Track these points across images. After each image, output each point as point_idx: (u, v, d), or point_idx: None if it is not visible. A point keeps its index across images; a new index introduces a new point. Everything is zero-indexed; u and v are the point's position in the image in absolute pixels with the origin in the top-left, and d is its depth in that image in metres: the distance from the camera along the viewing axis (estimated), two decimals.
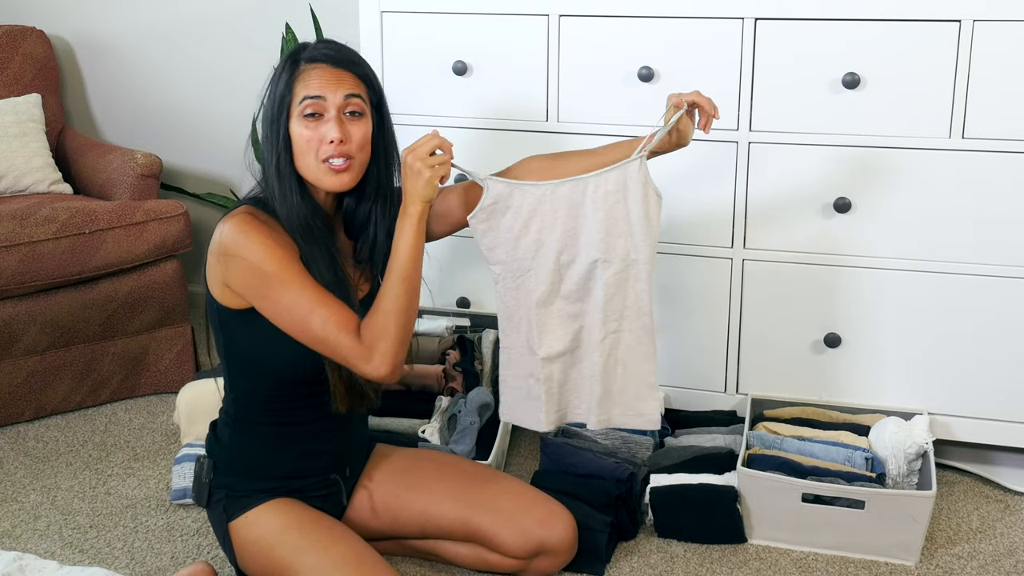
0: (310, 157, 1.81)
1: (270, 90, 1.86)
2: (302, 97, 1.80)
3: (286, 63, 1.84)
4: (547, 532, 1.99)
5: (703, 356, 2.50)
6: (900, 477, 2.20)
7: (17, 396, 2.75)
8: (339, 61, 1.83)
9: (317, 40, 1.90)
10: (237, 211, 1.84)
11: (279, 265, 1.76)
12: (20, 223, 2.68)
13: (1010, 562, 2.13)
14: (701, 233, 2.43)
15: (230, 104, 3.42)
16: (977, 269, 2.27)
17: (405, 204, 1.82)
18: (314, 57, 1.83)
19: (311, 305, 1.76)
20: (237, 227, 1.78)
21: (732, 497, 2.16)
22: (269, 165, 1.84)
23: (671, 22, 2.34)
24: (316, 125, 1.80)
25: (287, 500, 1.92)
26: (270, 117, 1.83)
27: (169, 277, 2.89)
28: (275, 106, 1.82)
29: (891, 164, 2.27)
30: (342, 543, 1.86)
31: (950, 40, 2.18)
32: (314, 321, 1.76)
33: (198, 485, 1.97)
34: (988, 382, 2.33)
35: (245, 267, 1.76)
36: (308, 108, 1.80)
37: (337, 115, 1.80)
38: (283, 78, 1.83)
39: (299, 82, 1.81)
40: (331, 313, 1.76)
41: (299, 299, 1.76)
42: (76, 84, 3.60)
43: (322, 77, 1.81)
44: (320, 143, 1.80)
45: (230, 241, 1.78)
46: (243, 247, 1.76)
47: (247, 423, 1.93)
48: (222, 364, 1.95)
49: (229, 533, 1.92)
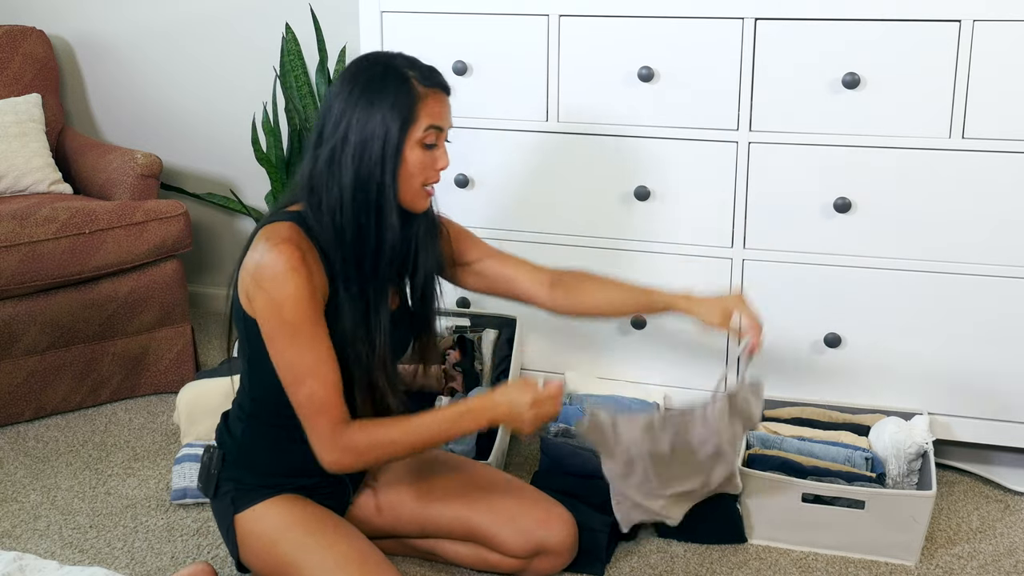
0: (416, 181, 1.81)
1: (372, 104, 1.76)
2: (427, 126, 1.78)
3: (397, 81, 1.77)
4: (547, 532, 1.99)
5: (703, 356, 2.50)
6: (900, 477, 2.20)
7: (17, 396, 2.75)
8: (447, 87, 1.84)
9: (410, 58, 1.83)
10: (283, 235, 1.76)
11: (298, 318, 1.74)
12: (20, 223, 2.68)
13: (1010, 562, 2.13)
14: (701, 233, 2.43)
15: (230, 104, 3.42)
16: (977, 269, 2.27)
17: (487, 410, 1.82)
18: (432, 82, 1.80)
19: (306, 372, 1.75)
20: (280, 263, 1.73)
21: (732, 497, 2.16)
22: (368, 189, 1.77)
23: (671, 22, 2.35)
24: (430, 152, 1.81)
25: (294, 496, 1.93)
26: (380, 138, 1.75)
27: (169, 277, 2.89)
28: (392, 128, 1.75)
29: (891, 164, 2.27)
30: (346, 542, 1.86)
31: (950, 40, 2.18)
32: (302, 390, 1.76)
33: (206, 475, 1.96)
34: (988, 382, 2.33)
35: (268, 302, 1.74)
36: (430, 138, 1.79)
37: (444, 143, 1.84)
38: (401, 98, 1.76)
39: (423, 108, 1.77)
40: (319, 388, 1.76)
41: (299, 359, 1.75)
42: (76, 84, 3.60)
43: (443, 105, 1.81)
44: (430, 169, 1.82)
45: (268, 273, 1.74)
46: (276, 286, 1.73)
47: (261, 421, 1.93)
48: (241, 362, 1.93)
49: (234, 525, 1.92)
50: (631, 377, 2.57)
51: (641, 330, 2.53)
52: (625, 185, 2.46)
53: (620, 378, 2.58)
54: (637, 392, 2.52)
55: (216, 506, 1.97)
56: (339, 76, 1.83)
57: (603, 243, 2.51)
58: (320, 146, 1.80)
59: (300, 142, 3.16)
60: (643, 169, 2.44)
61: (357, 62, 1.83)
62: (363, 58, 1.84)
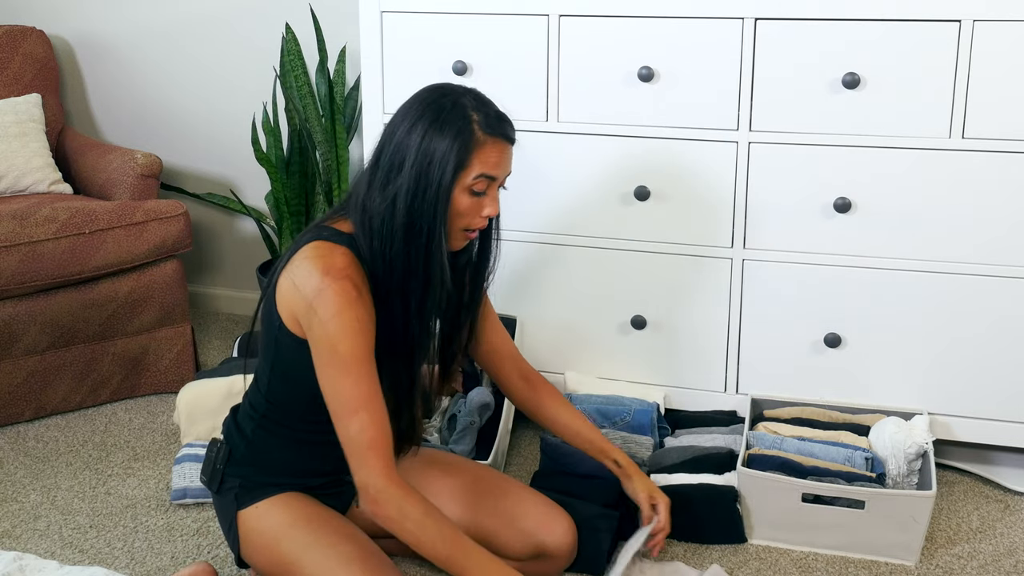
0: (458, 224, 1.80)
1: (432, 142, 1.74)
2: (479, 174, 1.76)
3: (459, 122, 1.75)
4: (547, 535, 1.99)
5: (703, 356, 2.51)
6: (900, 477, 2.20)
7: (17, 396, 2.75)
8: (511, 135, 1.81)
9: (479, 99, 1.80)
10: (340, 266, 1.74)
11: (353, 353, 1.73)
12: (20, 223, 2.68)
13: (1010, 562, 2.13)
14: (701, 233, 2.43)
15: (230, 104, 3.42)
16: (977, 269, 2.27)
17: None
18: (494, 130, 1.77)
19: (358, 405, 1.73)
20: (340, 300, 1.71)
21: (732, 497, 2.16)
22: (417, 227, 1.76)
23: (671, 22, 2.35)
24: (478, 199, 1.79)
25: (298, 495, 1.92)
26: (436, 179, 1.74)
27: (169, 277, 2.89)
28: (446, 171, 1.74)
29: (891, 164, 2.27)
30: (350, 541, 1.86)
31: (950, 40, 2.18)
32: (353, 423, 1.73)
33: (211, 470, 1.96)
34: (988, 382, 2.33)
35: (322, 334, 1.73)
36: (480, 186, 1.78)
37: (496, 191, 1.82)
38: (459, 141, 1.74)
39: (478, 155, 1.75)
40: (370, 425, 1.73)
41: (351, 392, 1.74)
42: (76, 84, 3.60)
43: (500, 156, 1.78)
44: (475, 215, 1.80)
45: (325, 307, 1.72)
46: (333, 321, 1.72)
47: (274, 423, 1.92)
48: (262, 364, 1.92)
49: (237, 521, 1.92)
50: (631, 377, 2.57)
51: (641, 330, 2.53)
52: (625, 185, 2.46)
53: (620, 378, 2.58)
54: (637, 392, 2.53)
55: (219, 501, 1.97)
56: (410, 99, 1.81)
57: (603, 243, 2.51)
58: (376, 168, 1.79)
59: (300, 142, 3.16)
60: (643, 169, 2.44)
61: (429, 91, 1.81)
62: (435, 88, 1.81)
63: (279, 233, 3.24)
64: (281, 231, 3.22)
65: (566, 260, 2.54)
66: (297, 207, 3.19)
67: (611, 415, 2.44)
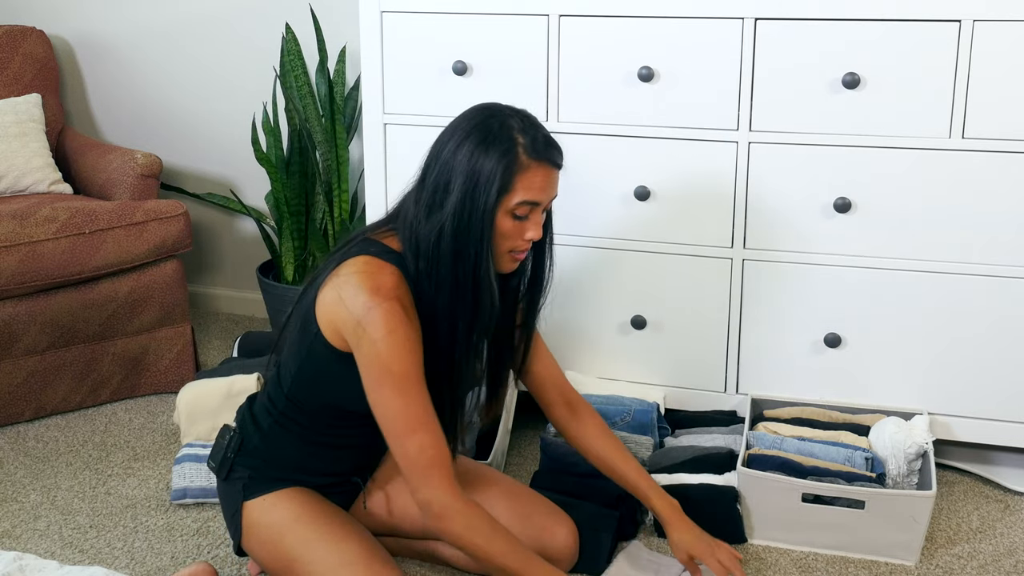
0: (501, 247, 1.79)
1: (477, 163, 1.74)
2: (522, 200, 1.75)
3: (504, 145, 1.74)
4: (548, 539, 1.99)
5: (703, 356, 2.51)
6: (900, 477, 2.20)
7: (17, 396, 2.75)
8: (557, 160, 1.79)
9: (526, 122, 1.79)
10: (388, 286, 1.74)
11: (406, 372, 1.73)
12: (20, 223, 2.68)
13: (1010, 562, 2.13)
14: (701, 233, 2.43)
15: (230, 104, 3.42)
16: (977, 269, 2.27)
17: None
18: (539, 155, 1.76)
19: (418, 424, 1.74)
20: (390, 321, 1.71)
21: (732, 497, 2.16)
22: (463, 249, 1.76)
23: (671, 22, 2.35)
24: (520, 222, 1.78)
25: (304, 490, 1.93)
26: (481, 203, 1.73)
27: (169, 277, 2.89)
28: (490, 194, 1.73)
29: (891, 164, 2.27)
30: (353, 540, 1.86)
31: (950, 40, 2.18)
32: (411, 442, 1.74)
33: (221, 457, 1.96)
34: (988, 382, 2.33)
35: (373, 353, 1.73)
36: (522, 212, 1.77)
37: (540, 215, 1.81)
38: (502, 164, 1.73)
39: (521, 180, 1.74)
40: (430, 444, 1.74)
41: (408, 411, 1.74)
42: (76, 84, 3.60)
43: (544, 181, 1.77)
44: (518, 238, 1.79)
45: (375, 327, 1.72)
46: (384, 339, 1.72)
47: (292, 422, 1.92)
48: (288, 364, 1.91)
49: (242, 511, 1.92)
50: (631, 377, 2.57)
51: (641, 330, 2.53)
52: (625, 185, 2.46)
53: (620, 378, 2.58)
54: (637, 392, 2.53)
55: (225, 488, 1.96)
56: (458, 117, 1.80)
57: (603, 243, 2.51)
58: (423, 187, 1.79)
59: (300, 142, 3.16)
60: (643, 169, 2.44)
61: (477, 110, 1.80)
62: (484, 108, 1.81)
63: (279, 233, 3.24)
64: (281, 231, 3.22)
65: (566, 260, 2.54)
66: (297, 207, 3.19)
67: (611, 415, 2.44)
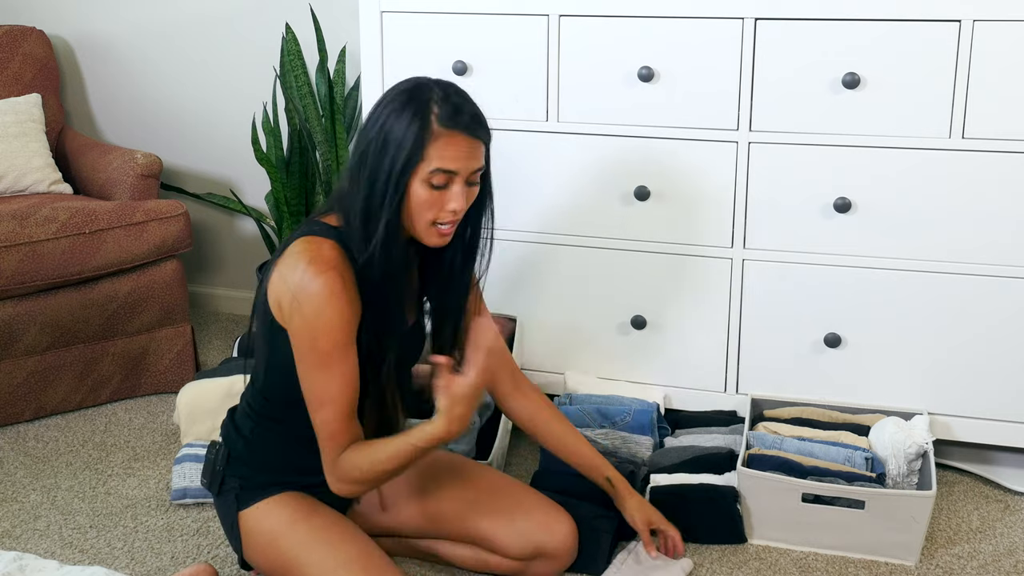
0: (423, 217, 1.77)
1: (389, 130, 1.72)
2: (435, 168, 1.71)
3: (416, 112, 1.72)
4: (547, 535, 1.99)
5: (703, 356, 2.51)
6: (900, 477, 2.20)
7: (17, 396, 2.75)
8: (475, 131, 1.75)
9: (448, 92, 1.76)
10: (326, 257, 1.74)
11: (330, 347, 1.74)
12: (20, 223, 2.68)
13: (1010, 562, 2.13)
14: (701, 233, 2.43)
15: (230, 104, 3.42)
16: (977, 269, 2.27)
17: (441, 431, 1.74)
18: (453, 123, 1.72)
19: (327, 399, 1.77)
20: (323, 292, 1.72)
21: (732, 497, 2.16)
22: (373, 215, 1.74)
23: (671, 22, 2.35)
24: (439, 192, 1.75)
25: (298, 494, 1.93)
26: (386, 168, 1.72)
27: (169, 277, 2.89)
28: (397, 159, 1.71)
29: (891, 164, 2.27)
30: (350, 541, 1.86)
31: (950, 40, 2.18)
32: (319, 414, 1.78)
33: (211, 472, 1.96)
34: (988, 382, 2.33)
35: (304, 326, 1.74)
36: (438, 180, 1.74)
37: (461, 186, 1.76)
38: (412, 131, 1.71)
39: (433, 148, 1.71)
40: (333, 417, 1.77)
41: (323, 386, 1.76)
42: (76, 84, 3.60)
43: (459, 149, 1.72)
44: (439, 209, 1.76)
45: (308, 299, 1.72)
46: (314, 313, 1.72)
47: (271, 420, 1.93)
48: (258, 361, 1.93)
49: (238, 522, 1.92)
50: (631, 377, 2.57)
51: (641, 330, 2.53)
52: (625, 185, 2.46)
53: (620, 378, 2.58)
54: (637, 392, 2.53)
55: (220, 503, 1.97)
56: (389, 88, 1.81)
57: (603, 243, 2.51)
58: (352, 156, 1.80)
59: (300, 142, 3.16)
60: (643, 169, 2.44)
61: (407, 80, 1.80)
62: (413, 79, 1.80)
63: (279, 233, 3.24)
64: (281, 231, 3.22)
65: (566, 260, 2.54)
66: (297, 207, 3.19)
67: (611, 415, 2.44)
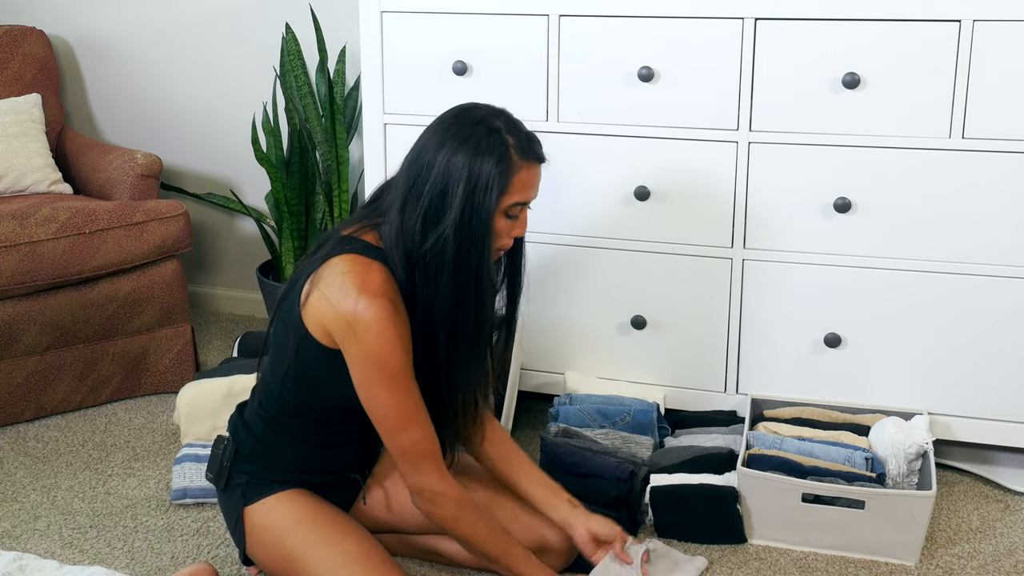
0: (495, 246, 1.82)
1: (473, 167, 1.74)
2: (517, 200, 1.79)
3: (494, 147, 1.76)
4: (549, 529, 2.00)
5: (703, 356, 2.51)
6: (900, 477, 2.20)
7: (17, 396, 2.75)
8: (543, 160, 1.84)
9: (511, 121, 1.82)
10: (376, 283, 1.75)
11: (401, 370, 1.77)
12: (20, 223, 2.68)
13: (1010, 562, 2.13)
14: (701, 233, 2.43)
15: (230, 104, 3.42)
16: (977, 269, 2.27)
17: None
18: (531, 154, 1.80)
19: (411, 420, 1.80)
20: (381, 320, 1.73)
21: (732, 497, 2.16)
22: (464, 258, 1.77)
23: (671, 22, 2.35)
24: (511, 221, 1.82)
25: (304, 492, 1.93)
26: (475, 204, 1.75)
27: (169, 277, 2.89)
28: (488, 195, 1.75)
29: (891, 164, 2.27)
30: (353, 540, 1.87)
31: (950, 40, 2.18)
32: (405, 436, 1.80)
33: (218, 467, 1.96)
34: (988, 382, 2.33)
35: (366, 353, 1.75)
36: (515, 211, 1.81)
37: (526, 212, 1.86)
38: (499, 169, 1.75)
39: (517, 180, 1.78)
40: (423, 438, 1.81)
41: (401, 408, 1.79)
42: (76, 84, 3.60)
43: (534, 178, 1.82)
44: (506, 237, 1.83)
45: (367, 327, 1.73)
46: (376, 340, 1.74)
47: (284, 423, 1.93)
48: (276, 366, 1.91)
49: (243, 517, 1.92)
50: (631, 377, 2.57)
51: (641, 330, 2.53)
52: (625, 185, 2.46)
53: (620, 378, 2.58)
54: (637, 392, 2.53)
55: (225, 498, 1.97)
56: (440, 122, 1.81)
57: (603, 243, 2.51)
58: (410, 191, 1.78)
59: (300, 142, 3.16)
60: (643, 169, 2.44)
61: (458, 115, 1.81)
62: (465, 112, 1.81)
63: (279, 233, 3.24)
64: (281, 231, 3.22)
65: (566, 260, 2.54)
66: (297, 207, 3.19)
67: (611, 415, 2.44)
